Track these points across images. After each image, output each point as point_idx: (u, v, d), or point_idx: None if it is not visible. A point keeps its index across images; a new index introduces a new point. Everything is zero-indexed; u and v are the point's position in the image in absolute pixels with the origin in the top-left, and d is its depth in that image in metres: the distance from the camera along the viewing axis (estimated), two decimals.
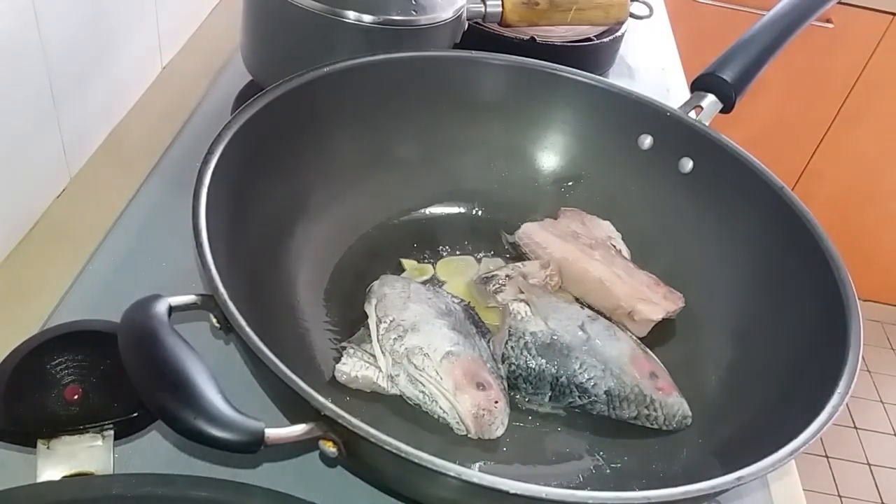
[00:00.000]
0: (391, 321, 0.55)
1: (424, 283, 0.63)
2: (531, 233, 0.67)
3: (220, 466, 0.50)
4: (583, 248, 0.65)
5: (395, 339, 0.54)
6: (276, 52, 0.74)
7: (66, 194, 0.68)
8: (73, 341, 0.48)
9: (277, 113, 0.59)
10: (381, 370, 0.54)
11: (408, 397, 0.53)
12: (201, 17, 0.94)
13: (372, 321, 0.56)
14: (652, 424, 0.55)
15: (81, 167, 0.71)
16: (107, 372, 0.47)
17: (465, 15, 0.77)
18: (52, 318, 0.57)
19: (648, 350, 0.59)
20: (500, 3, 0.81)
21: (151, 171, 0.72)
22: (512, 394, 0.56)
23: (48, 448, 0.45)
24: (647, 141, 0.69)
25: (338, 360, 0.55)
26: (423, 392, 0.52)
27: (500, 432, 0.52)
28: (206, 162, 0.52)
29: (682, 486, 0.41)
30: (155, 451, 0.51)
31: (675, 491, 0.41)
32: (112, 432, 0.47)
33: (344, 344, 0.57)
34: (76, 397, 0.46)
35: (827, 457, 1.85)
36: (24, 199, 0.64)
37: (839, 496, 1.78)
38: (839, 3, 1.62)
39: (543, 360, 0.56)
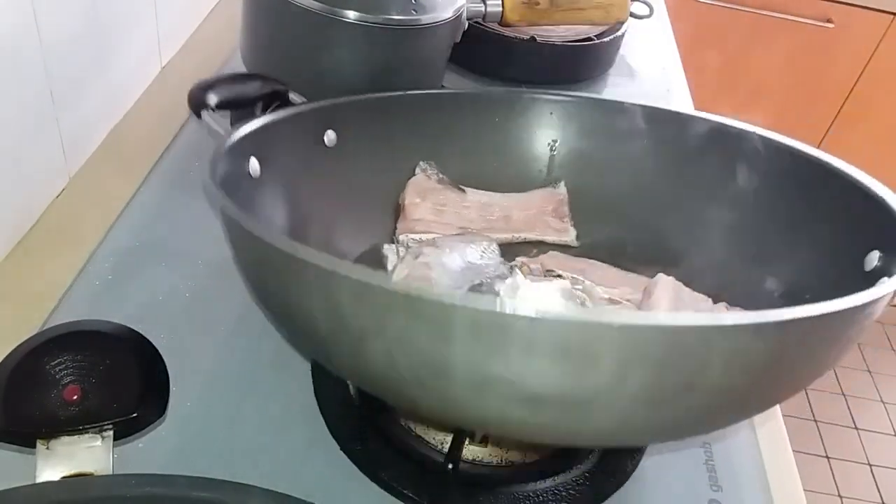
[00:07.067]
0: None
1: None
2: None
3: (220, 467, 0.50)
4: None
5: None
6: (276, 51, 0.74)
7: (65, 194, 0.68)
8: (72, 341, 0.48)
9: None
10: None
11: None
12: (200, 16, 0.94)
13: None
14: None
15: (81, 167, 0.71)
16: (106, 372, 0.47)
17: (465, 14, 0.77)
18: (51, 318, 0.57)
19: None
20: (500, 2, 0.81)
21: (151, 171, 0.72)
22: None
23: (47, 448, 0.45)
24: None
25: None
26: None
27: None
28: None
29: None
30: (154, 452, 0.51)
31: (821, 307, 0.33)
32: (111, 433, 0.46)
33: None
34: (75, 398, 0.46)
35: (827, 457, 1.84)
36: (24, 200, 0.64)
37: (840, 496, 1.78)
38: (840, 2, 1.62)
39: None
